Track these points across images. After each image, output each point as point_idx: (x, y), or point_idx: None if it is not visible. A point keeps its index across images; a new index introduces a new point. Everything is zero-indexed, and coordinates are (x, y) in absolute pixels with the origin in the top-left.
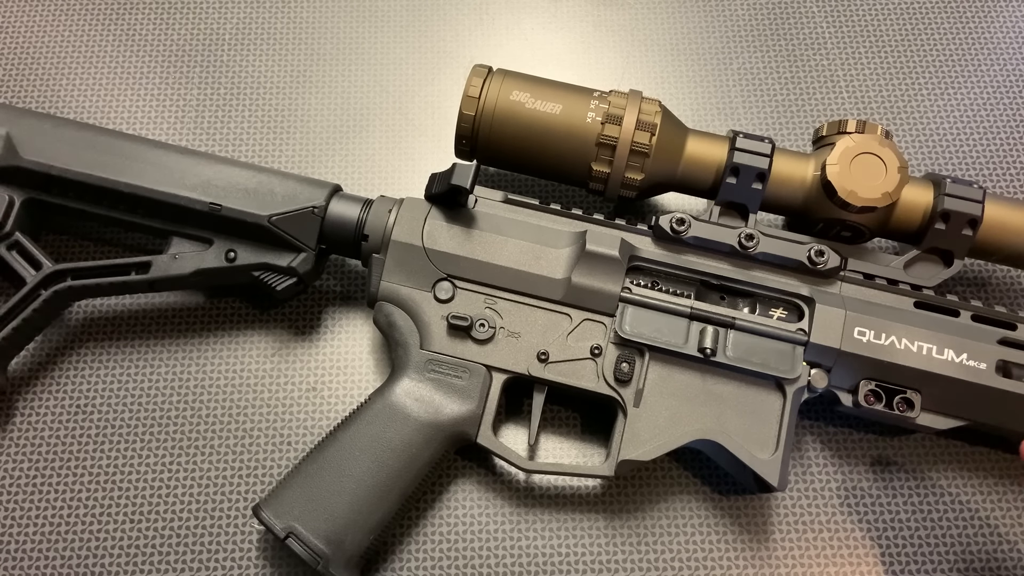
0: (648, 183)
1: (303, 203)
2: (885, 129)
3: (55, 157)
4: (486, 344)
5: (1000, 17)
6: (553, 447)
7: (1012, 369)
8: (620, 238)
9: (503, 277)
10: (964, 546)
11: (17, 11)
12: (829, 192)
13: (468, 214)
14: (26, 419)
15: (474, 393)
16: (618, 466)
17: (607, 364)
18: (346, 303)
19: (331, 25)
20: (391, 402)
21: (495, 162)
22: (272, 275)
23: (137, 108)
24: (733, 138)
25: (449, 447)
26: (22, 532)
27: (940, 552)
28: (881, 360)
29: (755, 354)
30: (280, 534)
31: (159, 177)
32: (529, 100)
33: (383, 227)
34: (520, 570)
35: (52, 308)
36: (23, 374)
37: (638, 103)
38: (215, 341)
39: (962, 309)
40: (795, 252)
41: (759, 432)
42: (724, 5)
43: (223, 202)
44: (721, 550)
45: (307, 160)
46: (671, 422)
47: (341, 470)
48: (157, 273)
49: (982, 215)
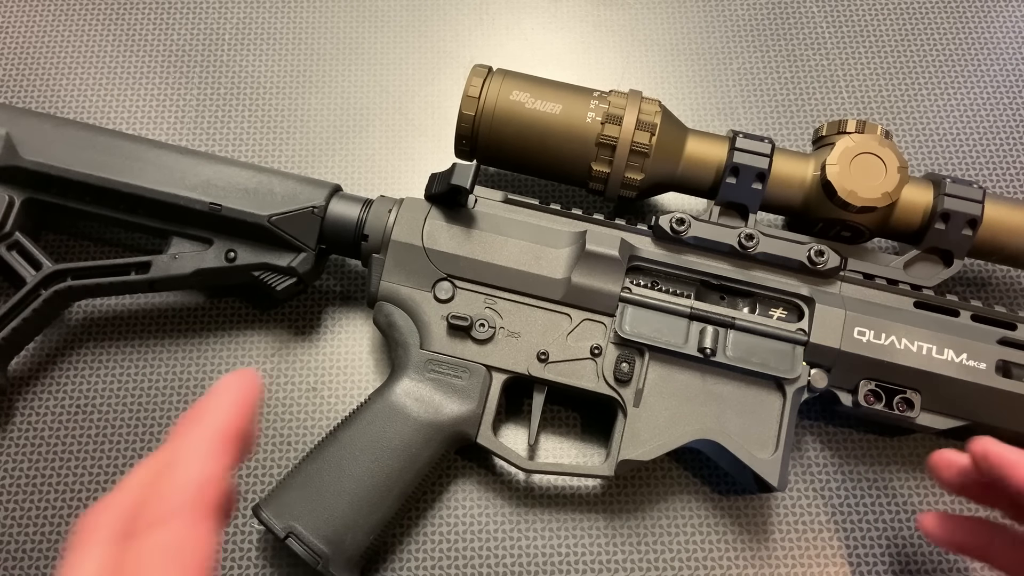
0: (648, 183)
1: (303, 203)
2: (885, 129)
3: (55, 157)
4: (486, 344)
5: (1000, 17)
6: (553, 447)
7: (1012, 369)
8: (620, 238)
9: (503, 277)
10: None
11: (17, 11)
12: (829, 192)
13: (468, 214)
14: (26, 419)
15: (474, 393)
16: (618, 466)
17: (607, 364)
18: (346, 303)
19: (331, 25)
20: (391, 402)
21: (495, 162)
22: (272, 275)
23: (137, 108)
24: (733, 138)
25: (449, 447)
26: (22, 532)
27: (940, 552)
28: (881, 360)
29: (755, 354)
30: (280, 534)
31: (159, 177)
32: (529, 100)
33: (383, 227)
34: (520, 570)
35: (52, 308)
36: (23, 374)
37: (638, 103)
38: (215, 341)
39: (962, 309)
40: (795, 252)
41: (759, 432)
42: (724, 5)
43: (223, 202)
44: (721, 550)
45: (307, 160)
46: (671, 422)
47: (341, 470)
48: (157, 273)
49: (982, 215)
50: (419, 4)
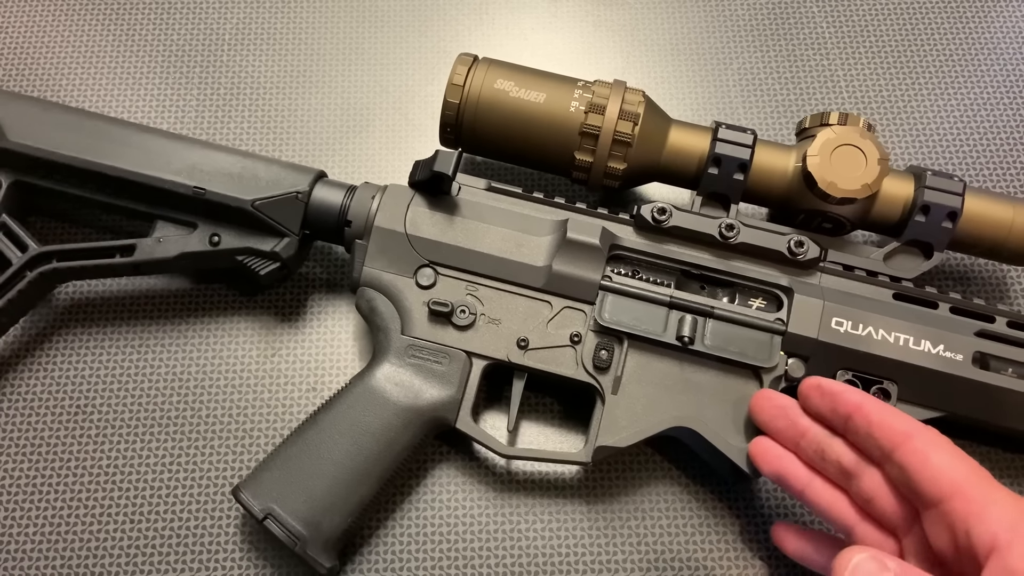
0: (631, 172)
1: (287, 188)
2: (868, 121)
3: (42, 140)
4: (467, 330)
5: (1000, 17)
6: (532, 434)
7: (989, 361)
8: (601, 227)
9: (485, 264)
10: None
11: (17, 11)
12: (809, 183)
13: (451, 201)
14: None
15: (454, 379)
16: (595, 452)
17: (586, 351)
18: (331, 290)
19: (331, 25)
20: (371, 386)
21: (479, 150)
22: (255, 259)
23: (137, 108)
24: (716, 129)
25: (428, 432)
26: (22, 532)
27: None
28: (858, 350)
29: (733, 343)
30: (258, 515)
31: (144, 160)
32: (513, 89)
33: (366, 213)
34: (502, 552)
35: (37, 290)
36: (7, 357)
37: (621, 93)
38: (200, 326)
39: (940, 301)
40: (775, 243)
41: (735, 420)
42: (724, 5)
43: (207, 186)
44: (698, 537)
45: (307, 160)
46: (648, 409)
47: (320, 453)
48: (141, 256)
49: (962, 208)
50: (419, 4)
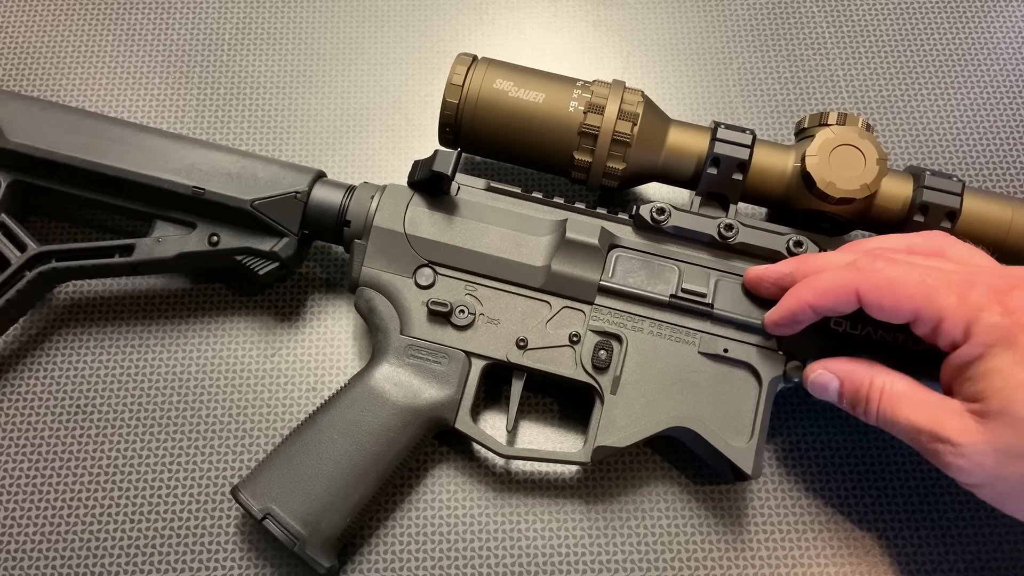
0: (630, 172)
1: (286, 188)
2: (866, 121)
3: (40, 139)
4: (466, 330)
5: (1000, 17)
6: (531, 434)
7: None
8: (600, 227)
9: (484, 264)
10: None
11: (17, 10)
12: (808, 183)
13: (450, 201)
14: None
15: (453, 378)
16: (594, 452)
17: (585, 351)
18: (330, 290)
19: (331, 25)
20: (370, 386)
21: (478, 150)
22: (254, 259)
23: (137, 108)
24: (715, 129)
25: (427, 432)
26: (22, 532)
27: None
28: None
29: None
30: (257, 515)
31: (143, 160)
32: (512, 89)
33: (365, 213)
34: (501, 552)
35: (36, 289)
36: (6, 356)
37: (620, 93)
38: (200, 326)
39: None
40: (774, 242)
41: (734, 421)
42: (723, 5)
43: (206, 186)
44: (697, 537)
45: (306, 160)
46: (647, 409)
47: (319, 453)
48: (140, 256)
49: (960, 208)
50: (419, 4)
